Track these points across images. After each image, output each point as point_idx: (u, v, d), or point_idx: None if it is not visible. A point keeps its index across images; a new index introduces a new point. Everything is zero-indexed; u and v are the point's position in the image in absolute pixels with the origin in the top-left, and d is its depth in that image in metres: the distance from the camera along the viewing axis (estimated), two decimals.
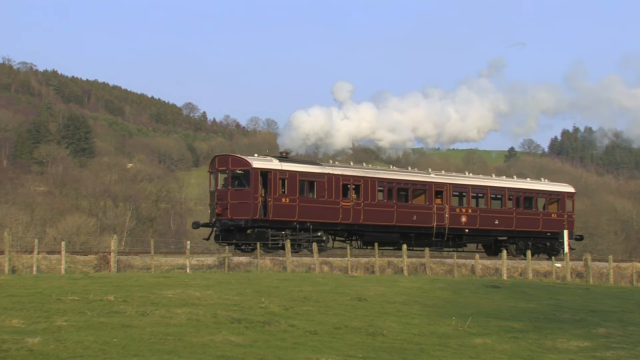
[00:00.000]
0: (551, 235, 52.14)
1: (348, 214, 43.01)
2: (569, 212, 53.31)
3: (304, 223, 41.41)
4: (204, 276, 29.19)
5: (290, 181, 41.05)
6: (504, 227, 50.08)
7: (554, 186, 55.37)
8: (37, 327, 14.96)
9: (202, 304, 19.80)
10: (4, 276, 25.53)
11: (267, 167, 40.61)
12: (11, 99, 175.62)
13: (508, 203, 50.97)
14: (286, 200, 40.70)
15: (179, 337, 15.16)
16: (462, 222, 48.02)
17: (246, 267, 35.75)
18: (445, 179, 48.61)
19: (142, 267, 32.77)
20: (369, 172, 45.21)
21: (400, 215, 45.42)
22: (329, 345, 15.57)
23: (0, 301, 17.87)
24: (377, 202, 44.56)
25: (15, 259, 29.25)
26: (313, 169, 42.63)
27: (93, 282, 23.89)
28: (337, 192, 42.75)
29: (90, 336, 14.45)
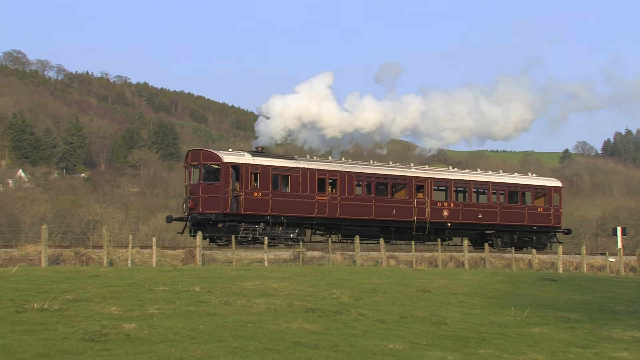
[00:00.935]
0: (537, 229, 49.08)
1: (324, 208, 40.37)
2: (555, 206, 50.09)
3: (277, 217, 38.79)
4: (281, 269, 29.25)
5: (263, 175, 38.56)
6: (488, 221, 47.19)
7: (540, 181, 52.08)
8: (132, 314, 15.13)
9: (279, 294, 19.83)
10: (103, 268, 25.88)
11: (239, 161, 38.21)
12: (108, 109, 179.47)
13: (492, 197, 48.04)
14: (258, 194, 38.20)
15: (259, 324, 15.20)
16: (444, 216, 45.14)
17: (319, 260, 35.74)
18: (426, 174, 45.69)
19: (224, 260, 32.96)
20: (346, 167, 42.28)
21: (378, 209, 42.69)
22: (396, 333, 15.48)
23: (100, 291, 18.11)
24: (354, 197, 42.02)
25: (112, 253, 29.67)
26: (287, 163, 40.11)
27: (181, 274, 24.09)
28: (312, 186, 40.12)
29: (179, 323, 14.57)
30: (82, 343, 12.35)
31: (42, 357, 11.23)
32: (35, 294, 16.69)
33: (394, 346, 13.96)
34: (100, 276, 21.84)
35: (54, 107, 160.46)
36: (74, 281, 19.87)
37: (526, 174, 54.38)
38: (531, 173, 55.43)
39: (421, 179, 44.66)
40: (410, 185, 44.07)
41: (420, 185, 44.69)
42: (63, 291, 17.50)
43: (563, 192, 52.95)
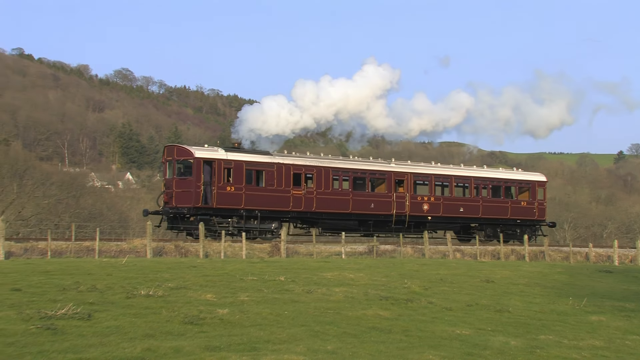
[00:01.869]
0: (521, 222, 45.77)
1: (299, 202, 37.59)
2: (539, 200, 46.59)
3: (251, 211, 36.08)
4: (357, 261, 29.29)
5: (236, 170, 35.82)
6: (470, 214, 43.99)
7: (524, 175, 48.19)
8: (225, 301, 15.35)
9: (356, 284, 19.87)
10: (199, 260, 26.32)
11: (211, 156, 35.46)
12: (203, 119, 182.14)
13: (474, 191, 44.57)
14: (231, 188, 35.50)
15: (337, 311, 15.26)
16: (424, 209, 41.97)
17: (391, 253, 35.67)
18: (406, 169, 42.45)
19: (306, 253, 33.15)
20: (323, 162, 39.34)
21: (356, 203, 39.62)
22: (463, 319, 15.37)
23: (197, 280, 18.42)
24: (331, 191, 39.02)
25: (207, 246, 30.12)
26: (261, 158, 37.19)
27: (267, 265, 24.33)
28: (287, 180, 37.29)
29: (266, 309, 14.72)
30: (183, 326, 12.60)
31: (149, 337, 11.50)
32: (142, 282, 17.08)
33: (461, 331, 13.88)
34: (197, 267, 22.22)
35: (157, 118, 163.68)
36: (174, 271, 20.26)
37: (511, 169, 50.62)
38: (516, 168, 51.28)
39: (401, 174, 41.78)
40: (390, 179, 41.19)
41: (400, 180, 41.96)
42: (165, 280, 17.84)
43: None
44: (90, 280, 17.02)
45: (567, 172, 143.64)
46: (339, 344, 12.02)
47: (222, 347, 11.17)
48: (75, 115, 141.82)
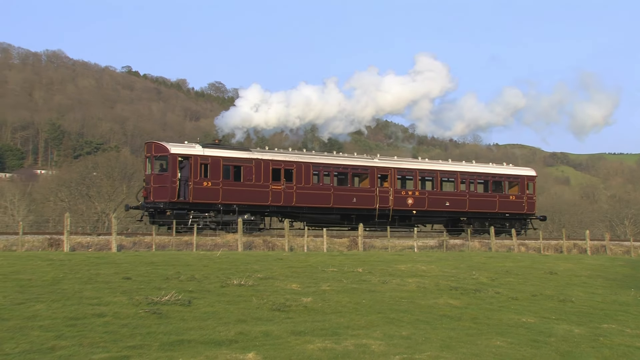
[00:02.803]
0: (510, 216, 42.62)
1: (278, 197, 35.15)
2: (529, 194, 43.22)
3: (229, 205, 33.78)
4: (428, 254, 29.06)
5: (213, 166, 33.51)
6: (456, 208, 40.87)
7: (514, 170, 44.67)
8: (308, 290, 15.44)
9: (427, 275, 19.72)
10: (285, 253, 26.54)
11: (187, 152, 33.34)
12: None
13: (460, 186, 41.52)
14: (208, 183, 33.27)
15: (411, 300, 15.18)
16: (408, 204, 39.15)
17: (459, 247, 35.25)
18: (389, 164, 39.64)
19: (381, 247, 33.06)
20: (303, 158, 36.81)
21: (338, 197, 37.06)
22: (528, 308, 15.09)
23: (283, 271, 18.57)
24: (311, 186, 36.45)
25: (292, 241, 30.35)
26: (239, 154, 34.84)
27: (346, 258, 24.36)
28: (266, 176, 34.95)
29: (346, 297, 14.75)
30: (271, 312, 12.73)
31: (241, 322, 11.66)
32: (234, 273, 17.32)
33: (526, 319, 13.63)
34: (283, 259, 22.40)
35: None
36: (263, 263, 20.48)
37: (501, 164, 46.42)
38: (505, 163, 47.19)
39: (385, 169, 39.05)
40: (373, 175, 38.43)
41: (384, 175, 39.32)
42: (255, 271, 18.05)
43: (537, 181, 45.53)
44: (189, 271, 17.34)
45: (627, 172, 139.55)
46: (413, 330, 11.96)
47: (307, 332, 11.25)
48: (174, 124, 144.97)
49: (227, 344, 10.04)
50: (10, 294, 12.63)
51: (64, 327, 10.38)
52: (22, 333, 9.87)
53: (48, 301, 12.18)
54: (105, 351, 9.18)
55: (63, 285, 14.06)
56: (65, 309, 11.66)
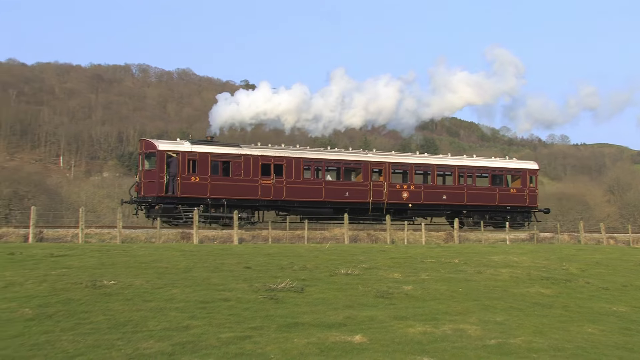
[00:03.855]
0: (511, 209, 38.78)
1: (268, 191, 32.78)
2: (530, 188, 39.40)
3: (218, 200, 31.69)
4: (519, 246, 28.25)
5: (201, 162, 31.49)
6: (454, 201, 37.36)
7: (515, 164, 40.70)
8: (409, 279, 15.32)
9: (519, 266, 19.16)
10: (387, 245, 26.44)
11: (175, 149, 31.38)
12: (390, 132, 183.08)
13: (459, 179, 37.88)
14: (196, 179, 31.25)
15: (504, 288, 14.81)
16: (403, 197, 35.95)
17: (549, 240, 34.05)
18: (384, 158, 36.54)
19: (475, 240, 32.38)
20: (293, 153, 34.15)
21: (330, 191, 34.28)
22: (619, 298, 14.41)
23: (386, 262, 18.51)
24: (302, 180, 33.80)
25: (393, 234, 30.18)
26: (228, 150, 32.62)
27: (443, 250, 24.03)
28: (255, 171, 32.56)
29: (443, 286, 14.55)
30: (375, 299, 12.71)
31: (349, 307, 11.70)
32: (342, 263, 17.39)
33: (617, 308, 13.03)
34: (385, 251, 22.33)
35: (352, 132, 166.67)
36: (367, 254, 20.48)
37: (504, 158, 42.83)
38: (507, 157, 43.62)
39: (379, 164, 36.00)
40: (366, 169, 35.45)
41: (379, 169, 36.08)
42: (360, 261, 18.06)
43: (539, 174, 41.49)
44: (301, 261, 17.53)
45: None
46: (507, 316, 11.66)
47: (408, 316, 11.16)
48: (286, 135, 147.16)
49: (336, 327, 10.10)
50: (152, 280, 13.16)
51: (195, 309, 10.73)
52: (162, 313, 10.28)
53: (182, 286, 12.62)
54: (230, 331, 9.42)
55: (194, 273, 14.53)
56: (196, 293, 12.04)
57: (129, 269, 14.65)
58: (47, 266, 14.49)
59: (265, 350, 8.48)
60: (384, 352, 8.73)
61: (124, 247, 20.48)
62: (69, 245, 20.63)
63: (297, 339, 9.14)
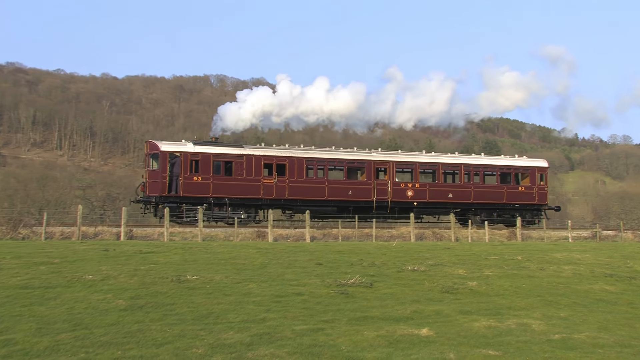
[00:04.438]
0: (520, 206, 36.91)
1: (270, 190, 31.85)
2: (540, 185, 37.46)
3: (220, 199, 30.92)
4: (582, 244, 27.35)
5: (203, 162, 30.73)
6: (460, 199, 35.79)
7: (523, 161, 38.84)
8: (473, 275, 15.06)
9: (582, 263, 18.53)
10: (451, 243, 26.08)
11: (177, 149, 30.73)
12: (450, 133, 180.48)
13: (464, 178, 36.28)
14: (198, 178, 30.54)
15: (567, 285, 14.36)
16: (408, 196, 34.60)
17: (612, 238, 32.86)
18: (388, 157, 35.16)
19: (537, 237, 31.58)
20: (296, 153, 33.16)
21: (332, 190, 33.19)
22: None
23: (451, 258, 18.26)
24: (305, 179, 32.68)
25: (457, 232, 29.75)
26: (231, 150, 31.77)
27: (506, 247, 23.51)
28: (257, 170, 31.70)
29: (507, 282, 14.24)
30: (441, 294, 12.56)
31: (415, 302, 11.60)
32: (408, 260, 17.27)
33: None
34: (450, 248, 22.03)
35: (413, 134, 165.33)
36: (432, 252, 20.25)
37: (513, 156, 40.81)
38: (517, 155, 42.01)
39: (382, 162, 34.73)
40: (370, 168, 34.17)
41: (383, 168, 34.90)
42: (426, 258, 17.89)
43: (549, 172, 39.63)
44: (370, 258, 17.49)
45: None
46: (570, 312, 11.31)
47: (473, 311, 10.98)
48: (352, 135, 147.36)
49: (404, 320, 10.03)
50: (230, 275, 13.40)
51: (271, 303, 10.86)
52: (241, 306, 10.45)
53: (258, 281, 12.80)
54: (304, 323, 9.50)
55: (269, 269, 14.70)
56: (271, 288, 12.19)
57: (209, 265, 14.97)
58: (137, 262, 14.97)
59: (337, 342, 8.51)
60: (450, 345, 8.62)
61: (205, 244, 20.93)
62: (156, 243, 21.26)
63: (366, 332, 9.13)
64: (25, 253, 15.98)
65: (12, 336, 8.14)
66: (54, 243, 20.10)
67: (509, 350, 8.50)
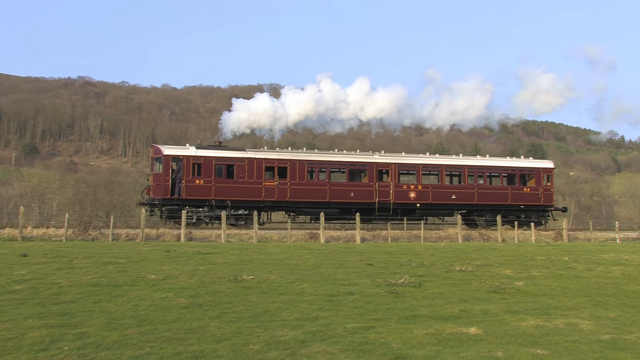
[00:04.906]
0: (525, 207, 35.15)
1: (272, 193, 30.97)
2: (545, 187, 35.52)
3: (223, 201, 30.13)
4: (630, 245, 26.43)
5: (205, 165, 30.09)
6: (464, 201, 34.16)
7: (528, 163, 36.75)
8: (520, 275, 14.74)
9: (631, 264, 17.90)
10: (498, 244, 25.61)
11: (180, 153, 30.13)
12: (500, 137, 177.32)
13: (468, 179, 34.73)
14: (200, 181, 29.87)
15: (615, 285, 13.90)
16: (410, 197, 33.22)
17: None
18: (390, 160, 33.78)
19: (584, 238, 30.66)
20: (297, 156, 32.17)
21: (334, 192, 32.04)
22: None
23: (497, 259, 17.94)
24: (306, 182, 31.68)
25: (503, 233, 29.17)
26: (232, 154, 30.98)
27: (553, 248, 22.94)
28: (259, 173, 30.90)
29: (554, 282, 13.88)
30: (488, 294, 12.32)
31: (463, 301, 11.40)
32: (456, 260, 17.03)
33: None
34: (496, 249, 21.63)
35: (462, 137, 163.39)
36: (479, 252, 19.93)
37: (519, 158, 38.92)
38: (523, 156, 39.87)
39: (385, 165, 33.38)
40: (372, 170, 32.96)
41: (385, 170, 33.48)
42: (473, 259, 17.61)
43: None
44: (418, 259, 17.34)
45: None
46: (619, 313, 10.93)
47: (520, 311, 10.74)
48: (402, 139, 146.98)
49: (452, 319, 9.89)
50: (284, 275, 13.47)
51: (323, 302, 10.86)
52: (294, 305, 10.49)
53: (311, 281, 12.82)
54: (355, 322, 9.46)
55: (321, 269, 14.72)
56: (323, 287, 12.19)
57: (264, 265, 15.08)
58: (196, 262, 15.21)
59: (388, 340, 8.44)
60: (498, 344, 8.44)
61: (260, 246, 21.11)
62: (214, 244, 21.56)
63: (416, 330, 9.03)
64: (94, 253, 16.45)
65: (85, 330, 8.38)
66: (120, 244, 20.63)
67: (557, 350, 8.28)
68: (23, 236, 22.80)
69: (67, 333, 8.15)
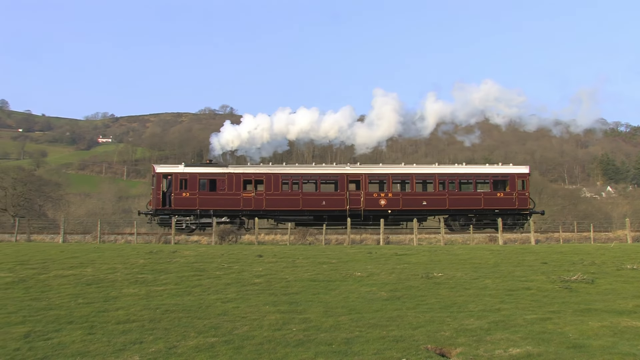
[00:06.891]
0: (500, 211, 30.64)
1: (249, 203, 30.12)
2: (520, 191, 31.06)
3: (206, 210, 29.87)
4: None
5: (191, 180, 30.06)
6: (435, 207, 30.81)
7: (500, 169, 32.07)
8: None
9: None
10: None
11: (169, 171, 30.51)
12: None
13: (439, 186, 30.99)
14: (187, 194, 29.84)
15: None
16: (381, 204, 30.44)
17: None
18: (360, 170, 31.21)
19: None
20: (272, 170, 30.85)
21: (307, 201, 30.27)
22: None
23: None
24: (280, 192, 30.32)
25: None
26: (215, 170, 30.48)
27: None
28: (237, 186, 30.16)
29: None
30: None
31: (637, 297, 10.10)
32: (627, 259, 15.12)
33: None
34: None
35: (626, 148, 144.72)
36: None
37: (495, 165, 33.69)
38: (500, 163, 34.14)
39: (355, 175, 31.06)
40: (342, 180, 30.77)
41: (356, 180, 31.11)
42: None
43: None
44: (589, 258, 15.80)
45: None
46: None
47: None
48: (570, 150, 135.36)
49: (626, 314, 8.85)
50: (468, 273, 13.13)
51: (504, 296, 10.40)
52: (478, 298, 10.20)
53: (492, 277, 12.34)
54: (533, 313, 8.93)
55: (501, 267, 14.09)
56: (504, 283, 11.66)
57: (451, 264, 14.82)
58: (393, 262, 15.42)
59: (564, 330, 7.84)
60: None
61: (447, 248, 20.76)
62: (407, 247, 21.67)
63: (591, 322, 8.25)
64: (311, 255, 17.45)
65: (307, 316, 8.94)
66: (331, 247, 21.66)
67: None
68: (258, 241, 25.11)
69: (294, 317, 8.64)
